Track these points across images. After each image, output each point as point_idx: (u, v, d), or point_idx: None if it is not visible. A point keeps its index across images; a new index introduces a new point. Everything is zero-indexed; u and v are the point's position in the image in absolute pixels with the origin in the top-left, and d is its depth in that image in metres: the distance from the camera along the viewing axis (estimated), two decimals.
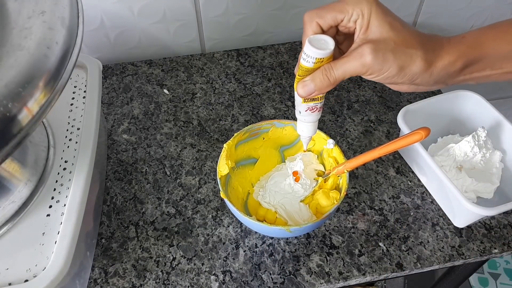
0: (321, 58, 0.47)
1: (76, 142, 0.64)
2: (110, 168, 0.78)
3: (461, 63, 0.48)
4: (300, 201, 0.67)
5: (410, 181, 0.76)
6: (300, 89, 0.50)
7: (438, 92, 0.91)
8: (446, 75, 0.49)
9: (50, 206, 0.57)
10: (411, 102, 0.77)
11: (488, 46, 0.49)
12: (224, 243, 0.68)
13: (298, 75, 0.50)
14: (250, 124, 0.78)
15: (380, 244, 0.68)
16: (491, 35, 0.50)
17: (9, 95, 0.39)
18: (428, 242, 0.68)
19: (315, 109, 0.55)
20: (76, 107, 0.68)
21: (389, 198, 0.73)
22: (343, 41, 0.53)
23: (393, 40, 0.46)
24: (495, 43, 0.50)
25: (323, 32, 0.50)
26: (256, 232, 0.69)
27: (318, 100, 0.54)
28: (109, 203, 0.73)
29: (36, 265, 0.52)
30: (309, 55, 0.48)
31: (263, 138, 0.71)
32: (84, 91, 0.70)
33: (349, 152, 0.81)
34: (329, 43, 0.48)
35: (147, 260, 0.66)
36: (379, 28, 0.47)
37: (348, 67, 0.47)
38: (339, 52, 0.54)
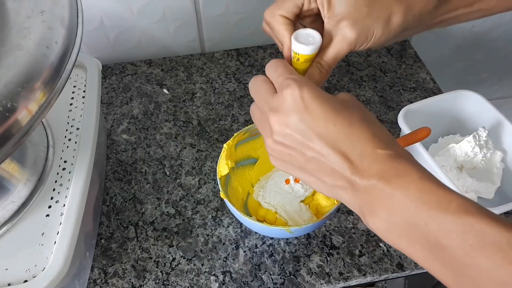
0: (311, 54, 0.46)
1: (76, 142, 0.64)
2: (109, 168, 0.77)
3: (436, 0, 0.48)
4: (300, 202, 0.66)
5: None
6: None
7: (439, 92, 0.91)
8: (425, 13, 0.48)
9: (50, 207, 0.57)
10: (411, 102, 0.77)
11: None
12: (224, 244, 0.68)
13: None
14: (250, 124, 0.78)
15: (381, 244, 0.68)
16: None
17: (9, 95, 0.39)
18: None
19: None
20: (76, 107, 0.68)
21: None
22: (312, 23, 0.52)
23: (363, 3, 0.46)
24: None
25: (291, 22, 0.49)
26: (256, 233, 0.69)
27: None
28: (108, 203, 0.73)
29: (35, 266, 0.52)
30: (300, 53, 0.46)
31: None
32: (84, 91, 0.70)
33: None
34: (316, 37, 0.46)
35: (146, 260, 0.66)
36: (341, 1, 0.46)
37: (336, 51, 0.47)
38: None
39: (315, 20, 0.52)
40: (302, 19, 0.51)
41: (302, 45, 0.45)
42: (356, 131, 0.39)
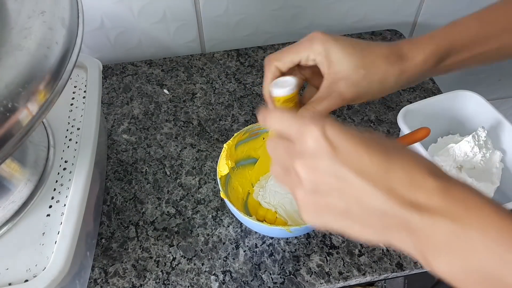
0: (287, 96, 0.51)
1: (76, 142, 0.64)
2: (110, 168, 0.78)
3: (434, 59, 0.50)
4: None
5: None
6: None
7: (438, 92, 0.91)
8: (420, 73, 0.51)
9: (50, 206, 0.57)
10: (411, 102, 0.77)
11: (456, 35, 0.52)
12: (224, 243, 0.68)
13: None
14: (250, 124, 0.78)
15: (380, 244, 0.68)
16: (457, 26, 0.53)
17: (9, 95, 0.39)
18: None
19: None
20: (76, 107, 0.68)
21: None
22: (312, 75, 0.55)
23: (361, 67, 0.49)
24: (462, 31, 0.52)
25: (283, 73, 0.53)
26: (256, 232, 0.69)
27: None
28: (109, 203, 0.73)
29: (36, 265, 0.52)
30: (277, 97, 0.51)
31: (263, 138, 0.71)
32: (84, 91, 0.70)
33: None
34: (290, 82, 0.51)
35: (147, 260, 0.66)
36: (343, 61, 0.49)
37: (329, 105, 0.49)
38: (309, 91, 0.56)
39: (313, 71, 0.54)
40: (302, 69, 0.55)
41: (276, 89, 0.50)
42: (398, 162, 0.34)
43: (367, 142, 0.34)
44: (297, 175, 0.36)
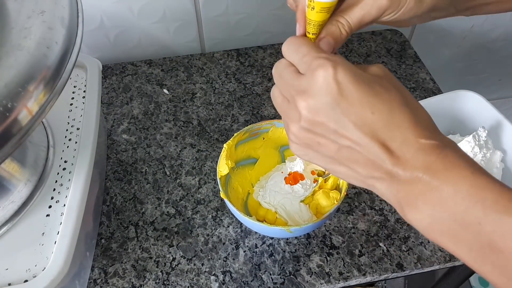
0: (329, 3, 0.41)
1: (76, 142, 0.64)
2: (109, 168, 0.77)
3: None
4: (300, 201, 0.66)
5: None
6: (319, 41, 0.44)
7: (439, 92, 0.91)
8: None
9: (50, 206, 0.57)
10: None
11: None
12: (224, 243, 0.68)
13: (308, 32, 0.44)
14: (250, 124, 0.78)
15: (381, 244, 0.68)
16: None
17: (9, 95, 0.39)
18: (429, 242, 0.68)
19: None
20: (76, 107, 0.68)
21: None
22: None
23: None
24: None
25: None
26: (256, 233, 0.69)
27: None
28: (108, 203, 0.73)
29: (35, 265, 0.52)
30: (317, 1, 0.41)
31: (263, 138, 0.71)
32: (84, 91, 0.70)
33: None
34: None
35: (147, 260, 0.66)
36: None
37: (363, 14, 0.43)
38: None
39: None
40: None
41: None
42: (397, 119, 0.35)
43: (375, 95, 0.35)
44: (296, 110, 0.37)
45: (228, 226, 0.70)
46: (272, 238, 0.68)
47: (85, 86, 0.71)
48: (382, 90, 0.36)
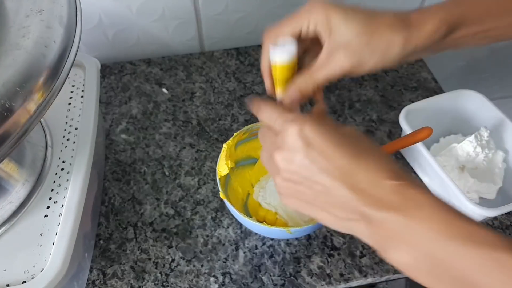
0: (286, 64, 0.49)
1: (74, 142, 0.63)
2: (108, 169, 0.77)
3: (443, 29, 0.47)
4: None
5: None
6: (287, 96, 0.51)
7: (441, 91, 0.91)
8: (427, 44, 0.48)
9: (48, 207, 0.57)
10: (413, 102, 0.76)
11: (469, 4, 0.49)
12: (223, 245, 0.67)
13: (278, 87, 0.52)
14: (250, 123, 0.78)
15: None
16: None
17: (7, 94, 0.39)
18: None
19: None
20: (74, 107, 0.68)
21: None
22: (312, 45, 0.52)
23: (363, 34, 0.46)
24: (474, 2, 0.49)
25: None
26: (256, 233, 0.69)
27: None
28: (107, 203, 0.72)
29: (34, 266, 0.51)
30: (276, 59, 0.49)
31: None
32: (82, 91, 0.70)
33: None
34: (289, 49, 0.48)
35: (145, 261, 0.66)
36: (344, 29, 0.46)
37: (328, 74, 0.48)
38: (308, 59, 0.53)
39: (313, 41, 0.51)
40: (301, 41, 0.51)
41: (276, 53, 0.48)
42: (363, 163, 0.39)
43: (340, 144, 0.39)
44: (275, 163, 0.42)
45: (227, 227, 0.69)
46: (272, 239, 0.68)
47: (83, 85, 0.71)
48: (346, 140, 0.40)
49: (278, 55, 0.48)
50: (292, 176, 0.42)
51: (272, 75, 0.51)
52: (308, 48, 0.53)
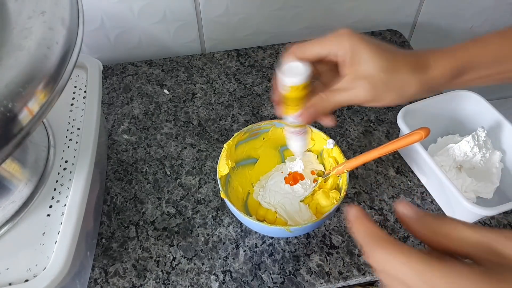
0: (296, 86, 0.50)
1: (77, 142, 0.64)
2: (110, 168, 0.78)
3: (451, 74, 0.50)
4: (300, 201, 0.67)
5: (410, 181, 0.76)
6: (303, 113, 0.53)
7: (438, 92, 0.91)
8: (439, 85, 0.50)
9: (51, 206, 0.57)
10: (411, 102, 0.77)
11: (477, 50, 0.51)
12: (224, 243, 0.68)
13: (287, 104, 0.53)
14: (250, 124, 0.78)
15: None
16: (479, 42, 0.52)
17: (10, 95, 0.39)
18: None
19: (302, 132, 0.60)
20: (77, 107, 0.68)
21: (389, 198, 0.73)
22: (327, 71, 0.54)
23: (383, 70, 0.48)
24: (483, 47, 0.51)
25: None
26: (256, 232, 0.69)
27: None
28: (109, 203, 0.73)
29: (36, 265, 0.52)
30: (285, 84, 0.50)
31: (263, 138, 0.71)
32: (85, 91, 0.70)
33: (349, 152, 0.81)
34: (303, 70, 0.49)
35: (147, 260, 0.66)
36: (370, 63, 0.48)
37: (344, 100, 0.50)
38: (323, 82, 0.55)
39: (329, 67, 0.53)
40: (317, 64, 0.53)
41: (289, 77, 0.49)
42: None
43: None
44: None
45: (228, 226, 0.70)
46: (272, 237, 0.69)
47: (85, 86, 0.71)
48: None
49: (291, 79, 0.49)
50: None
51: (283, 92, 0.52)
52: (322, 73, 0.55)
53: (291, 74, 0.49)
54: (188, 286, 0.64)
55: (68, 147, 0.63)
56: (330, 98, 0.50)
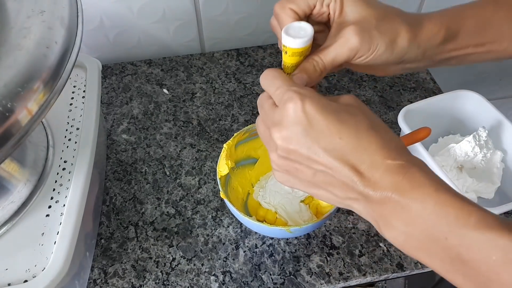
0: (300, 48, 0.45)
1: (76, 142, 0.64)
2: (109, 168, 0.77)
3: (443, 33, 0.48)
4: (300, 202, 0.66)
5: None
6: (297, 79, 0.48)
7: (439, 92, 0.91)
8: (431, 46, 0.48)
9: (50, 207, 0.57)
10: (411, 102, 0.77)
11: (467, 17, 0.49)
12: (224, 244, 0.68)
13: (286, 72, 0.48)
14: (250, 124, 0.78)
15: (381, 244, 0.68)
16: (469, 9, 0.50)
17: (8, 95, 0.39)
18: None
19: None
20: (76, 107, 0.68)
21: None
22: (319, 31, 0.51)
23: (373, 17, 0.45)
24: (473, 13, 0.50)
25: (299, 18, 0.47)
26: (256, 233, 0.69)
27: None
28: (108, 203, 0.73)
29: (35, 266, 0.52)
30: (288, 46, 0.45)
31: None
32: (84, 91, 0.70)
33: None
34: (308, 30, 0.44)
35: (146, 260, 0.66)
36: (355, 8, 0.46)
37: (336, 54, 0.46)
38: (315, 45, 0.51)
39: (323, 29, 0.51)
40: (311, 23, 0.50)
41: (290, 37, 0.43)
42: (364, 142, 0.38)
43: (342, 122, 0.38)
44: (273, 140, 0.41)
45: (228, 226, 0.70)
46: (272, 238, 0.68)
47: (84, 86, 0.71)
48: (348, 116, 0.39)
49: (292, 41, 0.44)
50: (290, 154, 0.40)
51: (283, 53, 0.47)
52: (316, 36, 0.51)
53: (292, 36, 0.44)
54: (188, 287, 0.63)
55: (67, 147, 0.63)
56: (321, 57, 0.46)
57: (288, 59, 0.46)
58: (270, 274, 0.65)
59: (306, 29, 0.44)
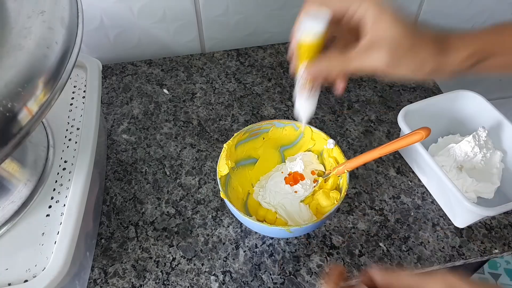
0: (313, 33, 0.47)
1: (76, 142, 0.64)
2: (109, 168, 0.77)
3: (473, 60, 0.48)
4: (300, 201, 0.66)
5: (411, 181, 0.76)
6: (312, 70, 0.50)
7: (439, 92, 0.91)
8: (460, 70, 0.48)
9: (50, 206, 0.57)
10: (411, 102, 0.77)
11: (495, 41, 0.49)
12: (224, 243, 0.68)
13: (300, 55, 0.50)
14: (250, 124, 0.78)
15: (381, 244, 0.68)
16: (498, 31, 0.50)
17: (9, 95, 0.39)
18: (429, 242, 0.68)
19: (310, 93, 0.56)
20: (76, 107, 0.68)
21: (390, 198, 0.73)
22: (345, 33, 0.51)
23: (409, 38, 0.45)
24: (501, 36, 0.49)
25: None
26: (256, 233, 0.69)
27: None
28: (108, 203, 0.73)
29: (35, 265, 0.52)
30: (303, 29, 0.47)
31: (263, 138, 0.71)
32: (84, 91, 0.70)
33: (349, 152, 0.80)
34: (322, 18, 0.46)
35: (146, 260, 0.66)
36: (393, 27, 0.45)
37: (360, 64, 0.46)
38: (336, 46, 0.52)
39: (345, 33, 0.50)
40: (337, 25, 0.50)
41: (305, 22, 0.46)
42: None
43: None
44: None
45: (228, 226, 0.70)
46: (272, 238, 0.68)
47: (85, 86, 0.71)
48: None
49: (310, 24, 0.46)
50: None
51: (298, 51, 0.50)
52: (340, 36, 0.52)
53: (310, 20, 0.46)
54: (188, 287, 0.63)
55: (68, 147, 0.63)
56: (346, 61, 0.47)
57: (304, 49, 0.49)
58: (270, 274, 0.65)
59: (322, 16, 0.46)
